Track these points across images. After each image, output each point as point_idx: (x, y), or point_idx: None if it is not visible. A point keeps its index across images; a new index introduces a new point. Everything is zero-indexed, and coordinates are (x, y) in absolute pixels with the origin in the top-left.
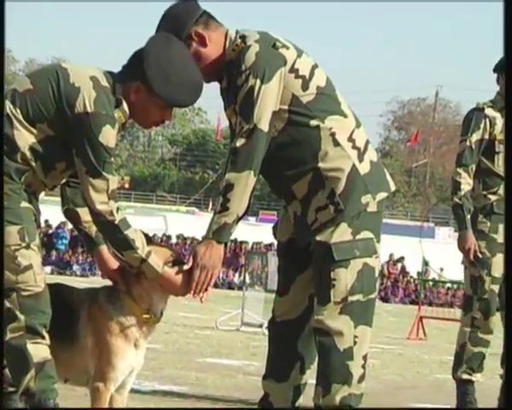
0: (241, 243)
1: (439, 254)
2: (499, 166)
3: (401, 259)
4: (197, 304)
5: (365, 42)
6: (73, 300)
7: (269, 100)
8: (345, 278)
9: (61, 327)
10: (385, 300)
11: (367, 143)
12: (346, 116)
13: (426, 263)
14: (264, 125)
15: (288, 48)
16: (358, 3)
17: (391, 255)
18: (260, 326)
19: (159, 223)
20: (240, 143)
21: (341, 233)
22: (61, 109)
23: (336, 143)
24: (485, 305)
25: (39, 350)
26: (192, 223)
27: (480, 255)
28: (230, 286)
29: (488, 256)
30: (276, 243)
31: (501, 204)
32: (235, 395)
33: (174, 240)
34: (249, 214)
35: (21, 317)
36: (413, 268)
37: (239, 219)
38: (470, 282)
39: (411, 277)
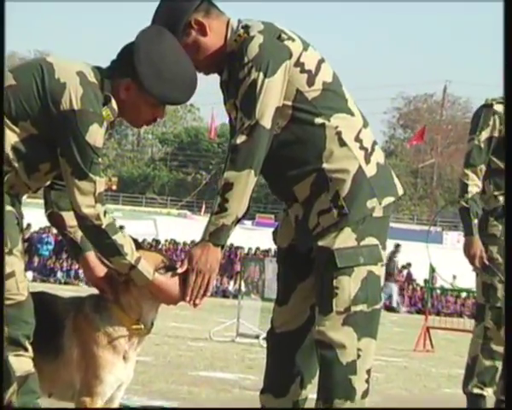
0: (237, 248)
1: (448, 260)
2: None
3: (407, 265)
4: (190, 314)
5: (369, 34)
6: (58, 309)
7: (272, 95)
8: (348, 286)
9: (45, 338)
10: (390, 309)
11: (374, 143)
12: (352, 114)
13: (433, 270)
14: (267, 122)
15: (293, 40)
16: None
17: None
18: (257, 337)
19: (148, 227)
20: (240, 140)
21: (345, 239)
22: (45, 106)
23: (342, 143)
24: (497, 314)
25: (22, 363)
26: (184, 227)
27: (486, 262)
28: (225, 294)
29: (500, 262)
30: (274, 248)
31: None
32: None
33: (164, 245)
34: (245, 218)
35: (5, 328)
36: (420, 275)
37: (238, 220)
38: (482, 289)
39: (417, 284)
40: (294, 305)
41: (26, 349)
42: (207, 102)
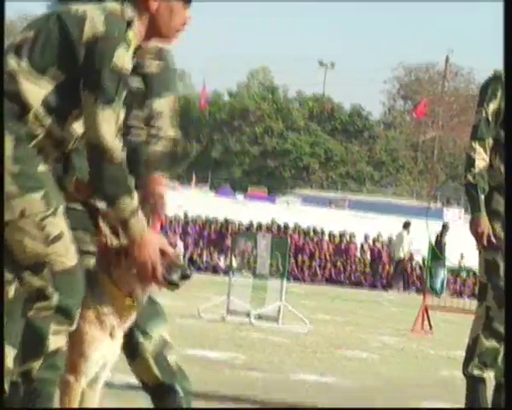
0: (228, 222)
1: (448, 237)
2: None
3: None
4: (178, 290)
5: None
6: None
7: None
8: None
9: None
10: (386, 287)
11: None
12: None
13: (432, 248)
14: None
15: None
16: None
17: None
18: (247, 315)
19: None
20: None
21: None
22: (69, 43)
23: None
24: (500, 293)
25: (59, 340)
26: (173, 199)
27: (493, 240)
28: (215, 270)
29: (503, 239)
30: (267, 223)
31: None
32: (219, 390)
33: None
34: (237, 191)
35: (54, 295)
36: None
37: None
38: (485, 268)
39: (417, 262)
40: None
41: (71, 323)
42: (199, 69)
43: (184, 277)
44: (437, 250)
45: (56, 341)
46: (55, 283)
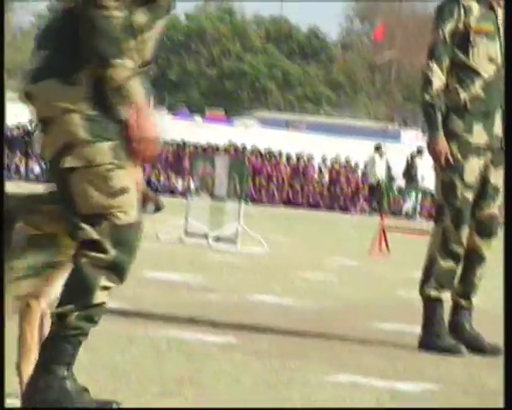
0: (186, 145)
1: (405, 158)
2: (474, 59)
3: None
4: None
5: None
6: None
7: None
8: None
9: None
10: (344, 209)
11: None
12: None
13: (389, 169)
14: None
15: None
16: None
17: (348, 160)
18: (205, 237)
19: None
20: None
21: None
22: None
23: None
24: (457, 213)
25: (104, 296)
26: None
27: (451, 160)
28: (173, 192)
29: (460, 160)
30: (224, 143)
31: (476, 102)
32: (176, 312)
33: None
34: (194, 113)
35: (111, 251)
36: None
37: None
38: (442, 189)
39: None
40: None
41: (121, 281)
42: None
43: (158, 209)
44: (409, 174)
45: (102, 296)
46: (113, 237)
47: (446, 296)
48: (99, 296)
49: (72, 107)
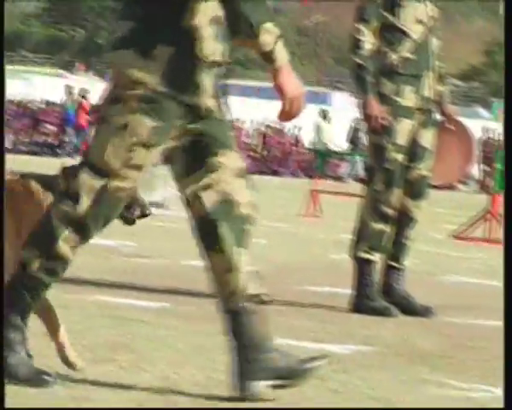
0: None
1: (335, 121)
2: (403, 20)
3: (293, 128)
4: None
5: None
6: None
7: None
8: None
9: None
10: (275, 173)
11: None
12: None
13: (319, 132)
14: None
15: None
16: None
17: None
18: None
19: (25, 87)
20: None
21: None
22: None
23: None
24: (387, 175)
25: (67, 249)
26: (59, 86)
27: (384, 122)
28: None
29: (391, 122)
30: None
31: (406, 64)
32: (107, 277)
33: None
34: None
35: (85, 207)
36: (306, 138)
37: None
38: (373, 151)
39: (305, 147)
40: None
41: (84, 242)
42: None
43: (144, 215)
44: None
45: (65, 249)
46: (97, 196)
47: (378, 258)
48: (62, 248)
49: (142, 80)
